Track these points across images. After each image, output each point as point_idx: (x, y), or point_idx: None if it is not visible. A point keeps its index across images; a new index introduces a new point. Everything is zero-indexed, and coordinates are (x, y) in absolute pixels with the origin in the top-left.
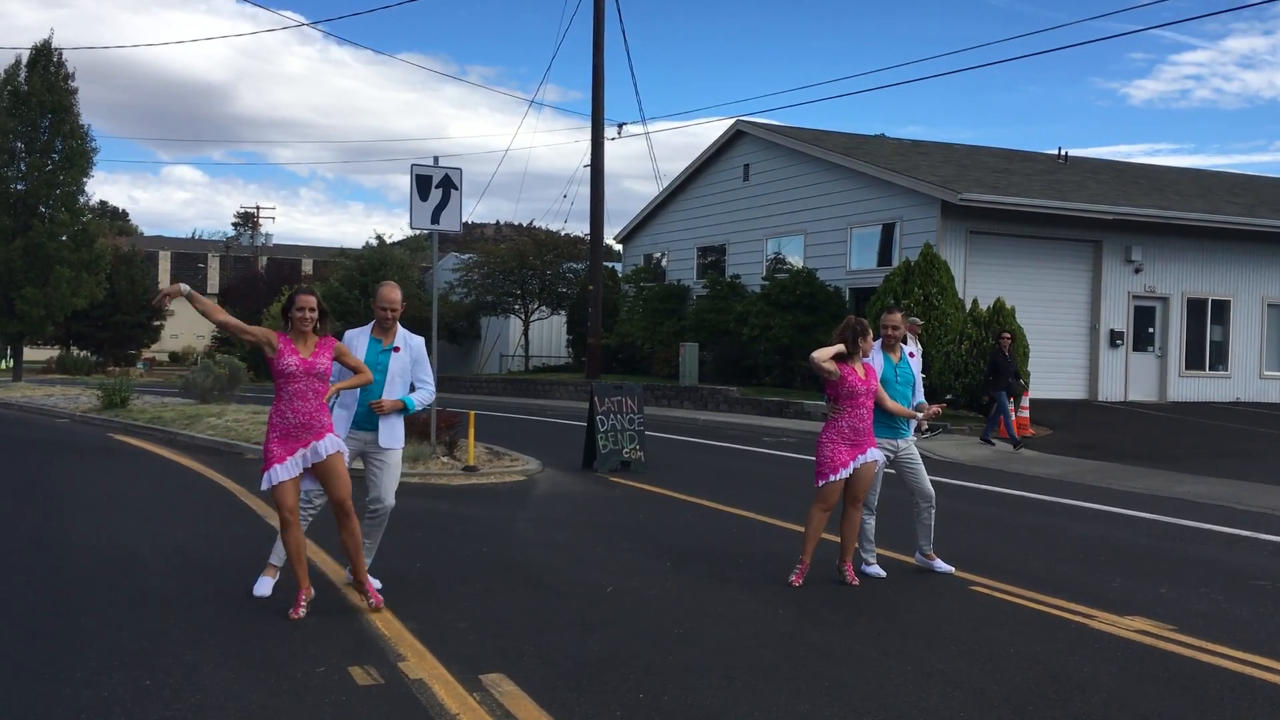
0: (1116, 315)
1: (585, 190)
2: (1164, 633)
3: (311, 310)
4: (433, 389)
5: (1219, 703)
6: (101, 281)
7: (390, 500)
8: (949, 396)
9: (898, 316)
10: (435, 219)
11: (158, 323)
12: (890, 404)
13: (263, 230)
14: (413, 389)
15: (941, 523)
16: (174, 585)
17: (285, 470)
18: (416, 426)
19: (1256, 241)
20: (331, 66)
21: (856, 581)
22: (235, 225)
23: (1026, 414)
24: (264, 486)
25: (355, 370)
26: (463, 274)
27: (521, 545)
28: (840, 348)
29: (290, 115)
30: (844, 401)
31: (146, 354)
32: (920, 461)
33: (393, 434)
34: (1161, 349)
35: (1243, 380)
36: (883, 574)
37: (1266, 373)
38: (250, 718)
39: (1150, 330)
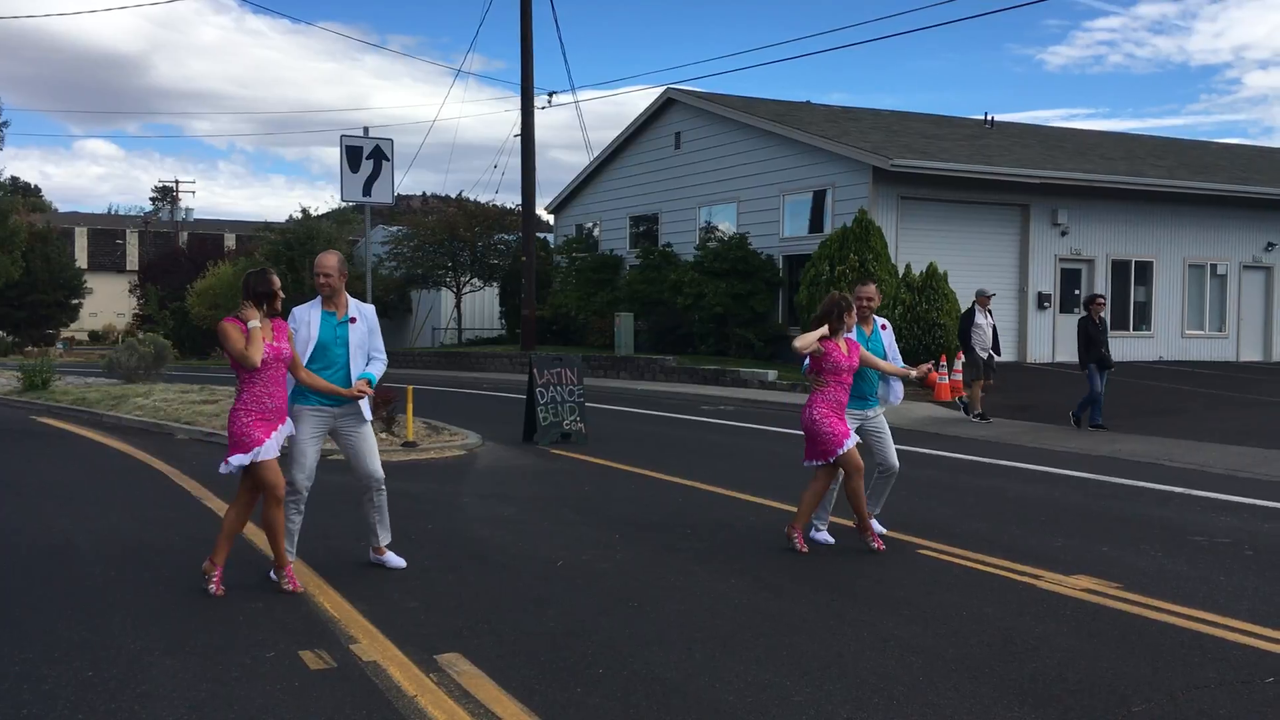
0: (1044, 278)
1: (515, 161)
2: (1110, 591)
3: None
4: (385, 359)
5: (1170, 658)
6: (17, 260)
7: (382, 471)
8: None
9: (872, 288)
10: (367, 191)
11: (76, 301)
12: (884, 364)
13: (182, 205)
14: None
15: None
16: (112, 572)
17: (272, 448)
18: None
19: (1177, 203)
20: (248, 36)
21: (806, 549)
22: (153, 200)
23: (960, 377)
24: (243, 463)
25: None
26: (392, 247)
27: (468, 521)
28: (824, 330)
29: (207, 87)
30: (828, 376)
31: (65, 333)
32: (888, 432)
33: (367, 405)
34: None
35: (1165, 340)
36: (831, 540)
37: (1188, 331)
38: (200, 707)
39: (1076, 292)
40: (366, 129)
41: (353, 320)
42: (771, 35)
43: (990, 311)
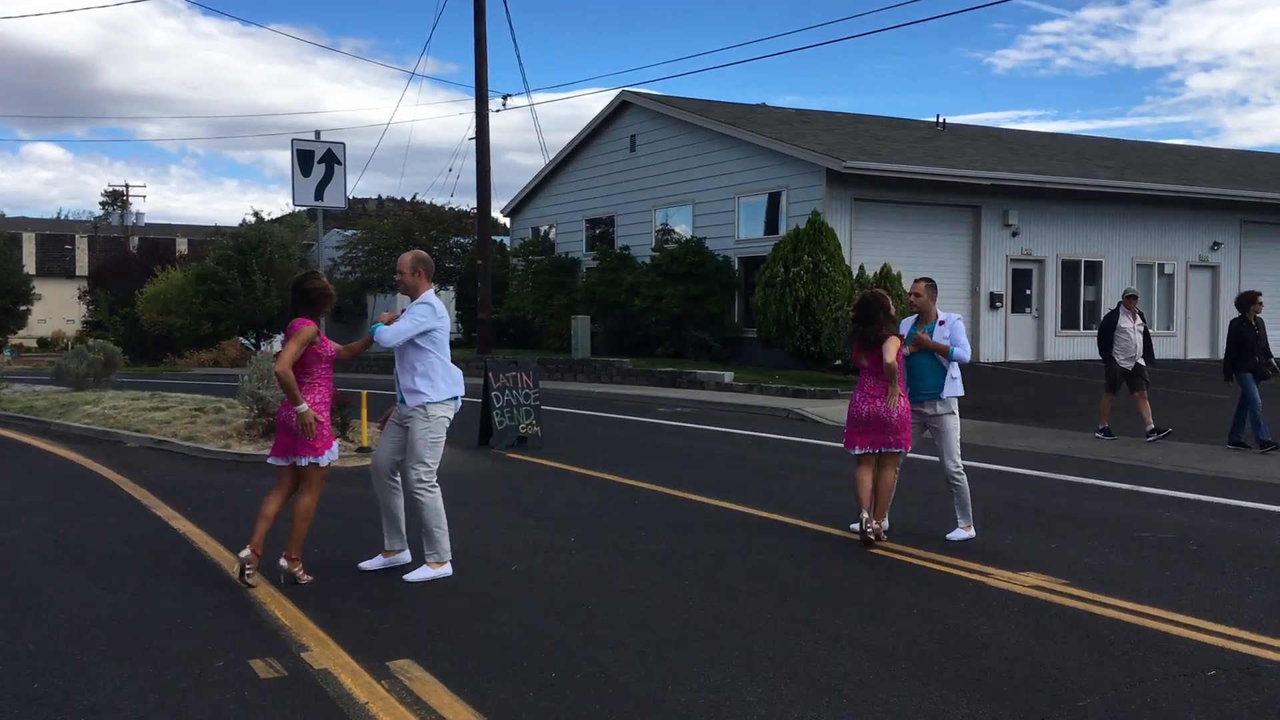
0: (996, 278)
1: (469, 164)
2: (1058, 587)
3: None
4: (399, 330)
5: (1115, 653)
6: None
7: (413, 473)
8: (837, 362)
9: (919, 285)
10: (319, 195)
11: (24, 308)
12: (929, 341)
13: (133, 209)
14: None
15: (836, 486)
16: (58, 582)
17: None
18: None
19: (1125, 204)
20: (198, 39)
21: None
22: (103, 204)
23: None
24: (330, 461)
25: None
26: (346, 251)
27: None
28: (895, 339)
29: (157, 90)
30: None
31: (14, 340)
32: (949, 433)
33: (411, 396)
34: (1038, 310)
35: None
36: (971, 535)
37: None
38: (147, 718)
39: (1027, 292)
40: (318, 132)
41: (402, 311)
42: (726, 38)
43: (1140, 314)
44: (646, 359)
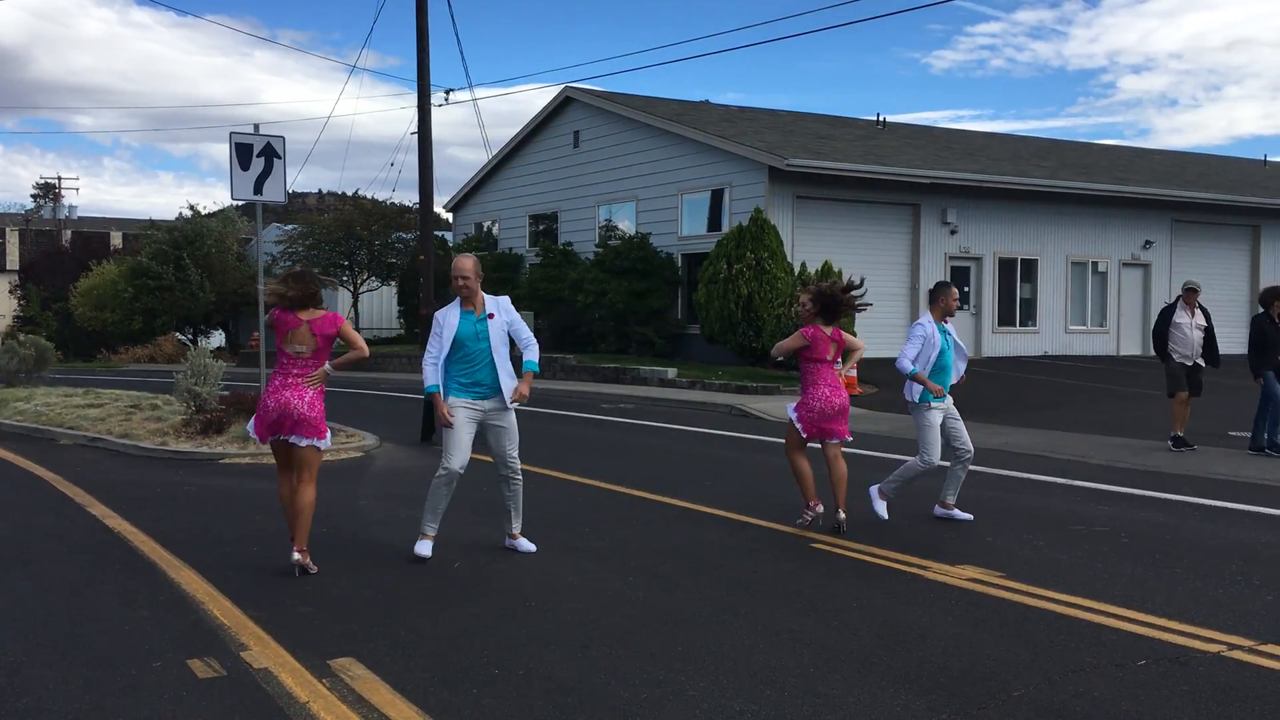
0: (935, 275)
1: (411, 158)
2: (994, 580)
3: None
4: (537, 343)
5: (1048, 644)
6: None
7: (518, 458)
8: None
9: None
10: (258, 189)
11: None
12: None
13: (65, 202)
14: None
15: (777, 481)
16: None
17: None
18: (245, 405)
19: (1060, 202)
20: (133, 29)
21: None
22: (35, 197)
23: (855, 373)
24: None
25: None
26: (286, 246)
27: (363, 524)
28: (799, 337)
29: (90, 81)
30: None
31: None
32: (957, 418)
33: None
34: (976, 307)
35: (1050, 335)
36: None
37: (1071, 327)
38: (82, 719)
39: (965, 289)
40: (257, 126)
41: (491, 315)
42: (669, 35)
43: (1202, 309)
44: (590, 355)
